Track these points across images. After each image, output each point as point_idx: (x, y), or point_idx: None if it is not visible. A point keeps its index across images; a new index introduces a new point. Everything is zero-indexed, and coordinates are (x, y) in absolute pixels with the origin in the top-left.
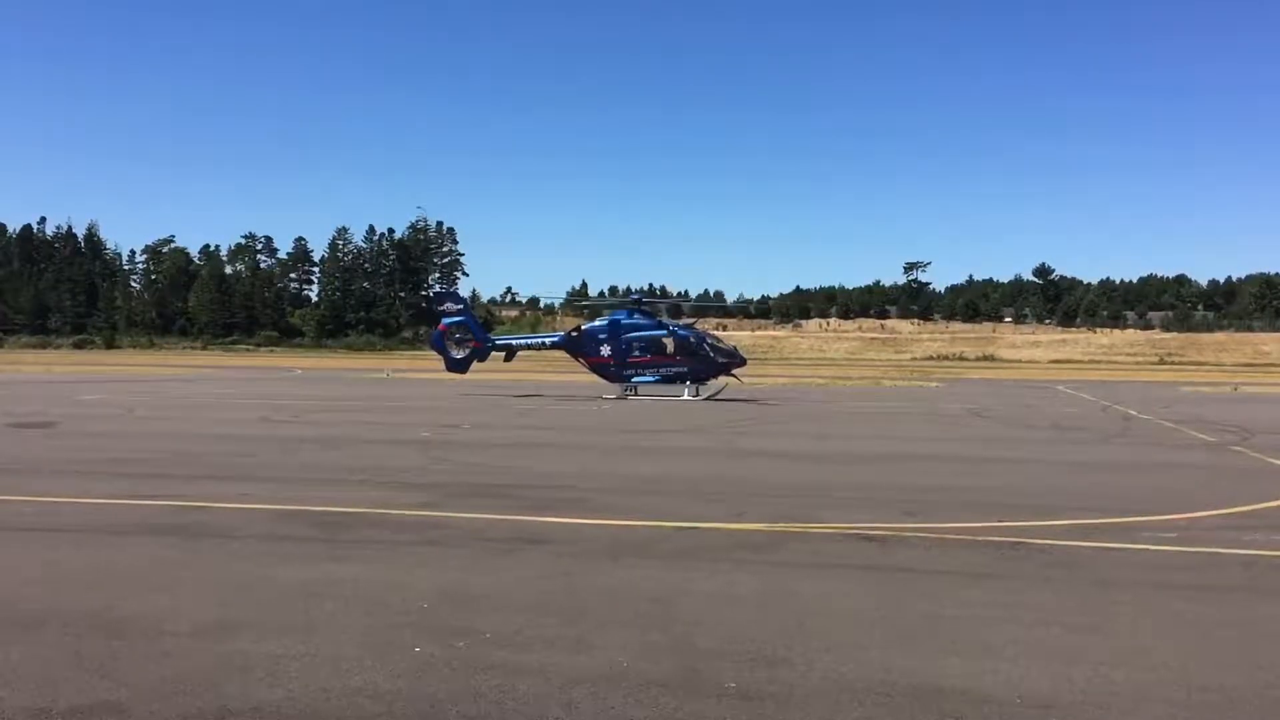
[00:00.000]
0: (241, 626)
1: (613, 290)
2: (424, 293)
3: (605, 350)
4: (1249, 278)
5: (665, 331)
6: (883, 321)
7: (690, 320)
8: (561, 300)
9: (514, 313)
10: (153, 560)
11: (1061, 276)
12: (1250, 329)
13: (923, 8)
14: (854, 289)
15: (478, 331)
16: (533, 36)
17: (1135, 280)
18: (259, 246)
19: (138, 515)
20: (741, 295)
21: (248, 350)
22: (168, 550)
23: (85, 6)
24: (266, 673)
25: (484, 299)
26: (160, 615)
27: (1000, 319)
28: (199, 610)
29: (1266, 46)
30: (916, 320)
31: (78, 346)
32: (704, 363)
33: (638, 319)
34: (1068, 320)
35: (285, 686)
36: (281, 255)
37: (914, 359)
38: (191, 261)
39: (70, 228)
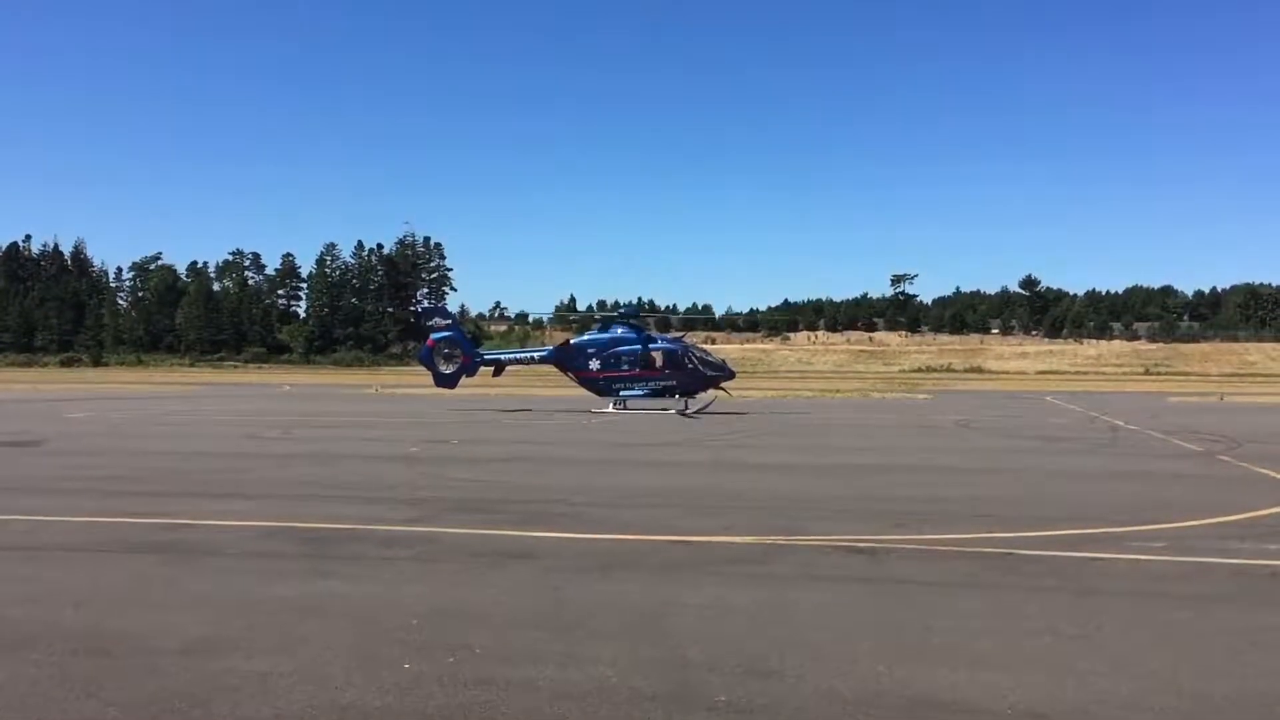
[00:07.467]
0: (230, 644)
1: (601, 305)
2: (412, 308)
3: (594, 364)
4: (1234, 288)
5: (654, 345)
6: (870, 334)
7: (679, 334)
8: (550, 315)
9: (502, 327)
10: (140, 578)
11: (1048, 288)
12: (1235, 339)
13: (906, 20)
14: (841, 302)
15: (466, 346)
16: (520, 51)
17: (1121, 291)
18: (247, 263)
19: (125, 533)
20: (730, 309)
21: (236, 367)
22: (156, 568)
23: (69, 24)
24: (255, 690)
25: (472, 314)
26: (148, 633)
27: (987, 331)
28: (187, 628)
29: (1253, 59)
30: (904, 332)
31: (65, 364)
32: (692, 376)
33: (626, 333)
34: (1054, 331)
35: (274, 704)
36: (269, 272)
37: (902, 371)
38: (179, 278)
39: (56, 245)
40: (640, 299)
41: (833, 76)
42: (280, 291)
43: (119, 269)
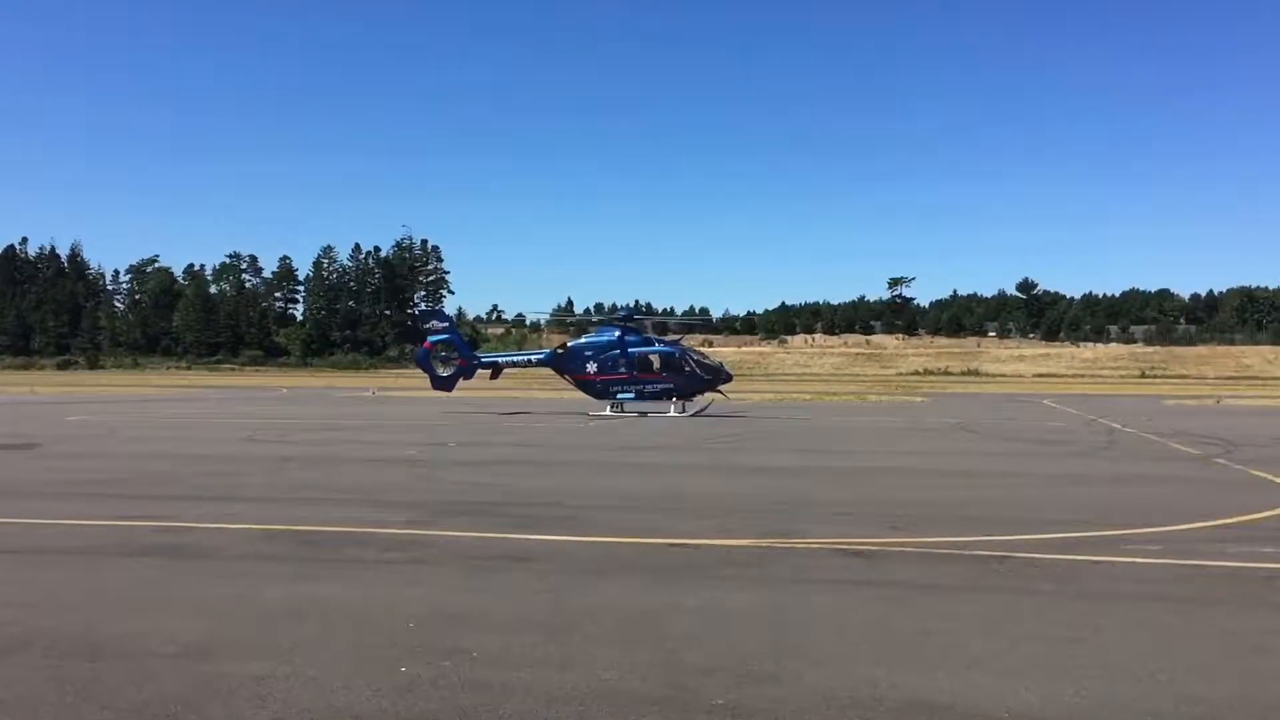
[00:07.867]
0: (225, 647)
1: (598, 307)
2: (409, 311)
3: (591, 367)
4: (1230, 291)
5: (651, 348)
6: (868, 337)
7: (676, 337)
8: (547, 317)
9: (500, 330)
10: (136, 581)
11: (1045, 291)
12: (1232, 342)
13: (904, 21)
14: (839, 305)
15: (464, 349)
16: (515, 54)
17: (1118, 294)
18: (244, 266)
19: (121, 536)
20: (727, 311)
21: (232, 370)
22: (151, 571)
23: (68, 26)
24: (251, 694)
25: (469, 316)
26: (143, 637)
27: (984, 334)
28: (182, 631)
29: (1251, 63)
30: (901, 335)
31: (61, 367)
32: (690, 379)
33: (624, 336)
34: (1051, 335)
35: (269, 708)
36: (266, 274)
37: (899, 374)
38: (176, 281)
39: (53, 248)
40: (637, 301)
41: (831, 78)
42: (277, 294)
43: (116, 271)
